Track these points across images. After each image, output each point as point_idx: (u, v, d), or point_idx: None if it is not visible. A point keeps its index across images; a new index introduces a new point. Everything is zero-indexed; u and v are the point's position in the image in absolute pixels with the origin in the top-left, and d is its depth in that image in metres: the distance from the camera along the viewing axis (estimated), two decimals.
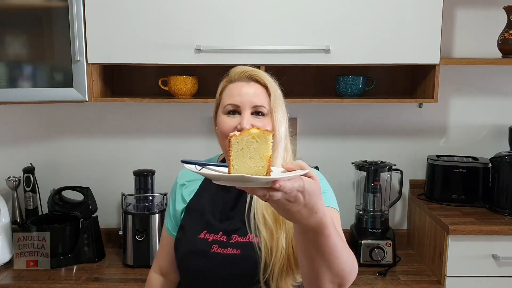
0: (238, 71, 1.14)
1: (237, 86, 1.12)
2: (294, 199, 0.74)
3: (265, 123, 1.09)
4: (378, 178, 1.93)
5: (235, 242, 1.10)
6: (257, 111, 1.10)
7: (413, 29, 1.68)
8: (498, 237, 1.64)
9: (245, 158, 0.74)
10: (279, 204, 0.75)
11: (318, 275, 0.89)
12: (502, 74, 2.03)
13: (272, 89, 1.11)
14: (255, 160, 0.74)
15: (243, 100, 1.09)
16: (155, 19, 1.67)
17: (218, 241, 1.11)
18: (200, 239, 1.12)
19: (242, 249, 1.08)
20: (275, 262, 1.03)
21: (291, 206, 0.75)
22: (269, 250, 1.04)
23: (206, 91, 1.95)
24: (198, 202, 1.18)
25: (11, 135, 2.08)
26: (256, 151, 0.74)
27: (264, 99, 1.10)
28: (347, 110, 2.06)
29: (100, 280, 1.73)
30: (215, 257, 1.09)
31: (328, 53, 1.68)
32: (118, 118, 2.07)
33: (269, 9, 1.66)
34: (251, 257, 1.06)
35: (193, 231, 1.14)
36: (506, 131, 1.99)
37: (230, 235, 1.11)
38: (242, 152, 0.73)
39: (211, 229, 1.13)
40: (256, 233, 1.07)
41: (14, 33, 1.70)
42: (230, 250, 1.09)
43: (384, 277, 1.74)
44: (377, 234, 1.88)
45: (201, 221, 1.15)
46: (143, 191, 1.93)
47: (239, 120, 1.09)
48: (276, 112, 1.10)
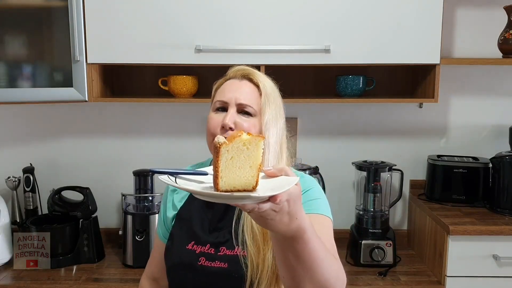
0: (234, 69, 1.11)
1: (229, 83, 1.09)
2: (280, 208, 0.69)
3: (250, 124, 1.03)
4: (378, 178, 1.93)
5: (223, 254, 1.04)
6: (243, 110, 1.05)
7: (413, 29, 1.67)
8: (499, 237, 1.64)
9: (234, 168, 0.67)
10: (263, 215, 0.69)
11: (299, 284, 0.81)
12: (502, 74, 2.03)
13: (264, 89, 1.06)
14: (245, 170, 0.67)
15: (230, 97, 1.05)
16: (155, 19, 1.67)
17: (205, 253, 1.06)
18: (188, 250, 1.08)
19: (229, 263, 1.03)
20: (262, 279, 0.98)
21: (274, 216, 0.70)
22: (255, 266, 0.98)
23: (206, 91, 1.94)
24: (188, 210, 1.13)
25: (11, 135, 2.08)
26: (246, 159, 0.68)
27: (252, 99, 1.05)
28: (347, 110, 2.06)
29: (100, 280, 1.72)
30: (201, 271, 1.05)
31: (328, 53, 1.68)
32: (118, 118, 2.07)
33: (269, 9, 1.66)
34: (238, 272, 1.01)
35: (181, 241, 1.10)
36: (506, 131, 1.99)
37: (218, 247, 1.05)
38: (231, 162, 0.67)
39: (199, 241, 1.07)
40: (243, 247, 1.01)
41: (14, 33, 1.70)
42: (218, 264, 1.04)
43: (385, 277, 1.74)
44: (377, 234, 1.88)
45: (190, 231, 1.10)
46: (143, 191, 1.92)
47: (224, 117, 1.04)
48: (265, 114, 1.03)
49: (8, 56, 1.71)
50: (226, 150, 0.66)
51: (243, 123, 1.03)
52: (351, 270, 1.80)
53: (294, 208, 0.71)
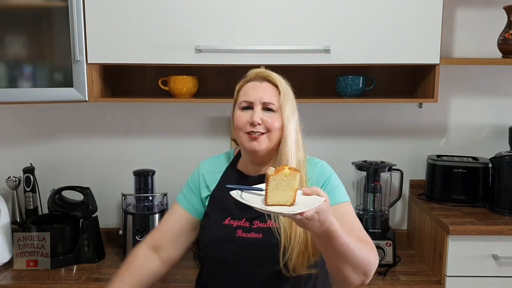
0: (254, 72, 1.28)
1: (251, 85, 1.26)
2: (311, 218, 0.93)
3: (274, 119, 1.21)
4: (378, 178, 1.93)
5: (257, 227, 1.21)
6: (267, 107, 1.22)
7: (413, 29, 1.68)
8: (498, 237, 1.64)
9: (278, 190, 0.95)
10: (299, 221, 0.95)
11: (340, 269, 1.07)
12: (502, 74, 2.03)
13: (282, 88, 1.24)
14: (285, 192, 0.95)
15: (255, 97, 1.22)
16: (155, 19, 1.67)
17: (241, 226, 1.22)
18: (225, 225, 1.23)
19: (264, 233, 1.19)
20: (294, 246, 1.14)
21: (307, 222, 0.95)
22: (288, 235, 1.15)
23: (206, 91, 1.95)
24: (221, 192, 1.27)
25: (11, 135, 2.08)
26: (286, 185, 0.95)
27: (273, 97, 1.23)
28: (347, 110, 2.06)
29: (100, 280, 1.72)
30: (239, 241, 1.20)
31: (328, 53, 1.68)
32: (118, 118, 2.07)
33: (269, 9, 1.66)
34: (272, 241, 1.16)
35: (218, 218, 1.25)
36: (506, 131, 1.99)
37: (252, 221, 1.21)
38: (276, 186, 0.95)
39: (235, 216, 1.23)
40: (275, 219, 1.18)
41: (14, 33, 1.70)
42: (253, 235, 1.20)
43: (384, 277, 1.74)
44: (377, 234, 1.88)
45: (225, 209, 1.25)
46: (143, 191, 1.93)
47: (251, 114, 1.21)
48: (285, 109, 1.22)
49: (8, 56, 1.71)
50: (273, 179, 0.95)
51: (267, 119, 1.21)
52: None
53: (323, 217, 0.95)
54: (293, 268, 1.15)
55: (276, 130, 1.22)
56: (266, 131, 1.21)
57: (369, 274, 1.10)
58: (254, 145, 1.21)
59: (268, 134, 1.21)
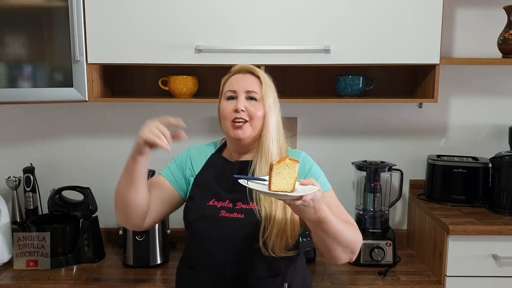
0: (238, 66, 1.36)
1: (235, 77, 1.34)
2: (307, 204, 1.05)
3: (257, 107, 1.29)
4: (378, 178, 1.93)
5: (239, 208, 1.28)
6: (250, 96, 1.30)
7: (413, 29, 1.68)
8: (498, 237, 1.64)
9: (280, 178, 1.06)
10: (297, 207, 1.06)
11: (331, 249, 1.20)
12: (502, 74, 2.03)
13: (264, 79, 1.32)
14: (286, 180, 1.06)
15: (238, 87, 1.31)
16: (155, 19, 1.67)
17: (225, 207, 1.29)
18: (209, 206, 1.30)
19: (246, 214, 1.27)
20: (273, 226, 1.22)
21: (303, 208, 1.06)
22: (268, 215, 1.24)
23: (206, 91, 1.95)
24: (206, 176, 1.36)
25: (11, 135, 2.08)
26: (287, 174, 1.06)
27: (256, 87, 1.31)
28: (347, 110, 2.06)
29: (100, 280, 1.72)
30: (222, 221, 1.27)
31: (328, 53, 1.68)
32: (118, 118, 2.07)
33: (269, 9, 1.66)
34: (253, 221, 1.25)
35: (202, 200, 1.32)
36: (506, 131, 1.99)
37: (235, 203, 1.29)
38: (279, 174, 1.06)
39: (219, 198, 1.31)
40: (257, 202, 1.26)
41: (14, 33, 1.70)
42: (236, 215, 1.27)
43: (384, 277, 1.74)
44: (377, 234, 1.88)
45: (209, 191, 1.33)
46: None
47: (236, 103, 1.29)
48: (267, 99, 1.30)
49: (9, 56, 1.71)
50: (276, 167, 1.06)
51: (250, 107, 1.29)
52: (351, 269, 1.80)
53: (317, 204, 1.07)
54: (272, 248, 1.23)
55: (259, 118, 1.29)
56: (249, 119, 1.29)
57: (355, 252, 1.24)
58: (238, 133, 1.29)
59: (251, 122, 1.29)
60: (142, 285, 1.69)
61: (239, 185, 1.24)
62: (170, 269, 1.82)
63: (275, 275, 1.29)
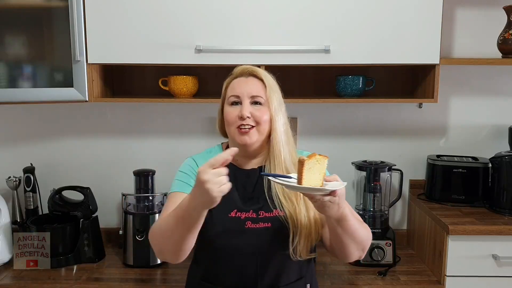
0: (240, 68, 1.32)
1: (238, 81, 1.29)
2: (333, 200, 1.05)
3: (262, 112, 1.25)
4: (378, 178, 1.93)
5: (263, 217, 1.24)
6: (254, 101, 1.26)
7: (413, 29, 1.68)
8: (498, 237, 1.64)
9: (310, 174, 1.05)
10: (323, 204, 1.06)
11: (346, 246, 1.19)
12: (502, 74, 2.03)
13: (267, 82, 1.27)
14: (315, 175, 1.06)
15: (242, 92, 1.26)
16: (155, 19, 1.67)
17: (249, 217, 1.24)
18: (232, 218, 1.24)
19: (272, 222, 1.24)
20: (301, 230, 1.21)
21: (329, 205, 1.06)
22: (295, 221, 1.21)
23: (206, 91, 1.95)
24: None
25: (11, 135, 2.09)
26: (317, 169, 1.06)
27: (260, 91, 1.26)
28: (347, 110, 2.06)
29: (100, 280, 1.73)
30: (248, 233, 1.23)
31: (328, 53, 1.68)
32: (118, 118, 2.07)
33: (269, 9, 1.66)
34: (281, 228, 1.22)
35: (222, 212, 1.23)
36: (506, 131, 1.99)
37: (258, 212, 1.25)
38: (309, 170, 1.05)
39: (241, 208, 1.25)
40: (281, 208, 1.23)
41: (14, 33, 1.70)
42: (262, 225, 1.24)
43: (384, 277, 1.74)
44: (377, 234, 1.88)
45: (229, 202, 1.22)
46: (143, 191, 1.93)
47: (240, 109, 1.24)
48: (272, 102, 1.26)
49: (9, 56, 1.71)
50: (307, 163, 1.05)
51: (256, 112, 1.24)
52: (351, 269, 1.81)
53: (341, 201, 1.07)
54: (300, 252, 1.22)
55: (265, 123, 1.25)
56: (256, 124, 1.24)
57: (365, 250, 1.24)
58: (245, 139, 1.24)
59: (257, 127, 1.25)
60: (142, 285, 1.69)
61: (256, 194, 1.25)
62: (170, 269, 1.83)
63: (300, 278, 1.29)
